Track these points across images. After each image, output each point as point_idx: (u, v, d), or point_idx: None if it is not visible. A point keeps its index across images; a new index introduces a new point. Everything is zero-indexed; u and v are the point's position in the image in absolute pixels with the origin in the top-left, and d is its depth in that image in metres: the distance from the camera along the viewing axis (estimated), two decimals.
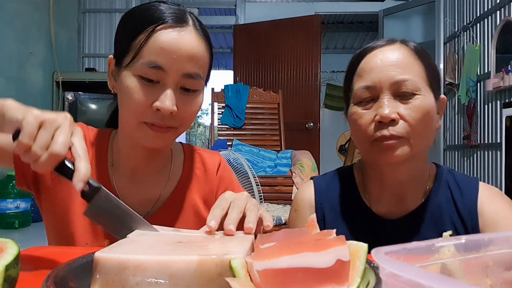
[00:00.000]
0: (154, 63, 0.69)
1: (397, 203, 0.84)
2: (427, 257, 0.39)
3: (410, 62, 0.77)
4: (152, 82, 0.71)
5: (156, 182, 0.83)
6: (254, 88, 3.82)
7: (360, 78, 0.80)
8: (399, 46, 0.80)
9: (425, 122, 0.76)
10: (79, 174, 0.53)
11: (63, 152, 0.52)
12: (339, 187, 0.90)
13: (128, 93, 0.71)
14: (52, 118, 0.54)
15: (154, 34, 0.70)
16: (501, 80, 2.86)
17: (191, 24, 0.74)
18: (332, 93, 6.35)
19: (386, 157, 0.76)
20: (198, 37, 0.73)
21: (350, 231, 0.85)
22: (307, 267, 0.40)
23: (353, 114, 0.80)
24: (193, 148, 0.92)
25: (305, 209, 0.91)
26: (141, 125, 0.72)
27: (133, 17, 0.75)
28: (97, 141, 0.83)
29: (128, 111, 0.73)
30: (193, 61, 0.72)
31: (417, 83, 0.76)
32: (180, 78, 0.71)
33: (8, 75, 3.35)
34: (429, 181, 0.85)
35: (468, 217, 0.81)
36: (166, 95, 0.70)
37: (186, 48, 0.71)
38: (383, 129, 0.75)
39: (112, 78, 0.78)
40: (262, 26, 4.61)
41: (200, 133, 16.18)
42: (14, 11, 3.42)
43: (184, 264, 0.42)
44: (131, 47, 0.72)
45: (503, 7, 2.96)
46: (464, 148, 3.49)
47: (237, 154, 2.71)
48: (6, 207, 3.00)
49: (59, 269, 0.46)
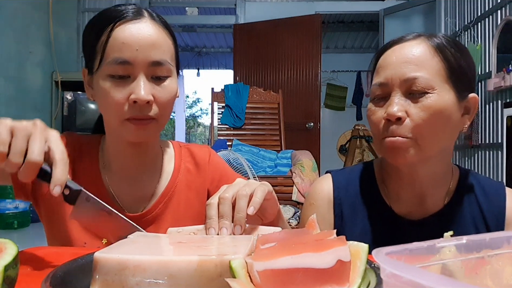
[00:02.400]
0: (119, 59, 0.72)
1: (418, 203, 0.82)
2: (428, 258, 0.39)
3: (426, 59, 0.74)
4: (123, 78, 0.73)
5: (148, 179, 0.84)
6: (254, 88, 3.82)
7: (377, 74, 0.79)
8: (420, 41, 0.77)
9: (436, 123, 0.73)
10: (55, 179, 0.54)
11: (39, 159, 0.54)
12: (359, 183, 0.88)
13: (104, 95, 0.74)
14: (22, 126, 0.55)
15: (113, 32, 0.73)
16: (502, 80, 2.86)
17: (147, 15, 0.76)
18: (333, 93, 6.35)
19: (392, 156, 0.75)
20: (156, 26, 0.76)
21: (369, 229, 0.83)
22: (307, 268, 0.40)
23: (368, 111, 0.80)
24: (182, 144, 0.94)
25: (322, 203, 0.88)
26: (124, 123, 0.74)
27: (92, 23, 0.78)
28: (88, 146, 0.86)
29: (109, 112, 0.76)
30: (155, 48, 0.74)
31: (430, 81, 0.73)
32: (148, 68, 0.73)
33: (7, 75, 3.35)
34: (451, 182, 0.83)
35: (494, 221, 0.80)
36: (140, 86, 0.72)
37: (146, 37, 0.73)
38: (389, 128, 0.74)
39: (89, 88, 0.80)
40: (262, 25, 4.61)
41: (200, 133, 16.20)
42: (14, 10, 3.42)
43: (184, 264, 0.42)
44: (96, 51, 0.74)
45: (504, 7, 2.96)
46: (465, 147, 3.49)
47: (237, 154, 2.71)
48: (5, 207, 3.00)
49: (58, 269, 0.46)
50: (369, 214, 0.85)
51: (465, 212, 0.81)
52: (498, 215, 0.80)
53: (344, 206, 0.86)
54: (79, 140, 0.85)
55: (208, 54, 7.72)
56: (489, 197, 0.82)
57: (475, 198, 0.82)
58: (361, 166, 0.92)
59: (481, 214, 0.81)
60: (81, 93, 3.86)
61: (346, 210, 0.86)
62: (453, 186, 0.83)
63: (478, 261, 0.40)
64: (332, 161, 5.00)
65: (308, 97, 4.54)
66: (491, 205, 0.81)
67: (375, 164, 0.90)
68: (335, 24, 6.21)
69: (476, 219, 0.81)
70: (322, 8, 4.96)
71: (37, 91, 3.74)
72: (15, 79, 3.45)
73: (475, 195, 0.83)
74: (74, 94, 3.83)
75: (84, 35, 0.79)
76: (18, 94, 3.44)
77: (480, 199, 0.82)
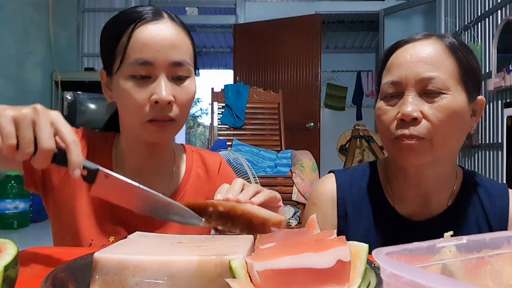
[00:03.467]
0: (141, 60, 0.72)
1: (422, 204, 0.81)
2: (428, 258, 0.39)
3: (441, 59, 0.73)
4: (144, 79, 0.73)
5: (159, 182, 0.84)
6: (254, 88, 3.82)
7: (388, 72, 0.78)
8: (433, 41, 0.76)
9: (451, 124, 0.72)
10: (72, 162, 0.54)
11: (51, 145, 0.54)
12: (363, 183, 0.87)
13: (125, 95, 0.74)
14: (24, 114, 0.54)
15: (134, 33, 0.73)
16: (502, 80, 2.86)
17: (166, 16, 0.77)
18: (333, 93, 6.35)
19: (405, 158, 0.74)
20: (176, 27, 0.77)
21: (372, 230, 0.83)
22: (307, 268, 0.40)
23: (378, 110, 0.78)
24: (194, 149, 0.94)
25: (326, 203, 0.87)
26: (145, 124, 0.74)
27: (111, 25, 0.78)
28: (102, 143, 0.85)
29: (129, 112, 0.76)
30: (176, 48, 0.75)
31: (446, 82, 0.72)
32: (169, 68, 0.74)
33: (7, 75, 3.34)
34: (455, 184, 0.83)
35: (497, 223, 0.80)
36: (161, 86, 0.72)
37: (167, 38, 0.74)
38: (404, 128, 0.72)
39: (107, 89, 0.81)
40: (262, 25, 4.61)
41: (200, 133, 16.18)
42: (13, 10, 3.42)
43: (184, 264, 0.42)
44: (117, 53, 0.75)
45: (504, 7, 2.96)
46: (465, 147, 3.49)
47: (237, 154, 2.71)
48: (5, 207, 3.00)
49: (58, 269, 0.46)
50: (372, 215, 0.84)
51: (468, 213, 0.81)
52: (501, 216, 0.80)
53: (347, 206, 0.86)
54: (93, 136, 0.86)
55: (208, 54, 7.72)
56: (493, 199, 0.82)
57: (478, 200, 0.82)
58: (364, 166, 0.91)
59: (484, 215, 0.81)
60: (81, 93, 3.86)
61: (350, 210, 0.86)
62: (457, 187, 0.83)
63: (478, 261, 0.40)
64: (332, 161, 4.98)
65: (308, 97, 4.54)
66: (494, 206, 0.81)
67: (378, 164, 0.90)
68: (335, 24, 6.21)
69: (480, 220, 0.81)
70: (322, 8, 4.96)
71: (37, 91, 3.74)
72: (15, 79, 3.45)
73: (478, 196, 0.83)
74: (74, 94, 3.82)
75: (102, 37, 0.80)
76: (18, 94, 3.44)
77: (484, 200, 0.82)
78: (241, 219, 0.59)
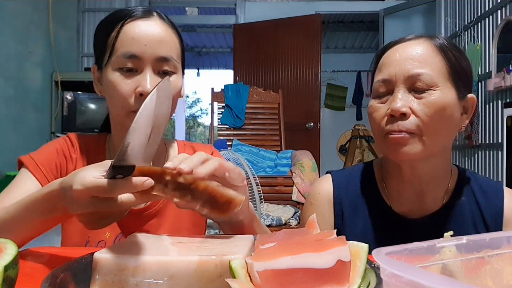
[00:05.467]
0: (128, 53, 0.76)
1: (417, 202, 0.82)
2: (428, 258, 0.39)
3: (430, 57, 0.76)
4: (131, 72, 0.77)
5: None
6: (254, 88, 3.82)
7: (379, 71, 0.80)
8: (422, 41, 0.78)
9: (440, 119, 0.74)
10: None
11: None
12: (359, 183, 0.89)
13: (112, 87, 0.77)
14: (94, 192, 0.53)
15: (123, 28, 0.77)
16: (502, 80, 2.86)
17: (155, 15, 0.81)
18: (333, 93, 6.35)
19: (395, 151, 0.75)
20: (164, 25, 0.80)
21: (369, 229, 0.84)
22: (307, 268, 0.40)
23: (370, 108, 0.80)
24: (186, 142, 0.96)
25: (322, 203, 0.89)
26: (129, 114, 0.77)
27: (104, 22, 0.82)
28: (95, 144, 0.88)
29: (116, 103, 0.78)
30: (163, 44, 0.78)
31: (434, 78, 0.74)
32: (156, 63, 0.77)
33: (7, 75, 3.34)
34: (450, 181, 0.84)
35: (492, 221, 0.81)
36: (146, 79, 0.75)
37: (155, 34, 0.77)
38: (394, 123, 0.74)
39: (98, 84, 0.84)
40: (262, 25, 4.61)
41: (200, 133, 16.18)
42: (13, 10, 3.42)
43: (184, 264, 0.42)
44: (107, 46, 0.78)
45: (504, 7, 2.96)
46: (465, 148, 3.49)
47: (237, 154, 2.71)
48: None
49: (58, 269, 0.46)
50: (369, 214, 0.85)
51: (464, 211, 0.82)
52: (496, 214, 0.81)
53: (344, 205, 0.87)
54: (84, 139, 0.88)
55: (208, 54, 7.72)
56: (488, 197, 0.83)
57: (473, 198, 0.83)
58: (361, 165, 0.93)
59: (479, 213, 0.82)
60: (81, 93, 3.85)
61: (346, 209, 0.87)
62: (452, 186, 0.84)
63: (478, 261, 0.40)
64: (332, 161, 4.99)
65: (308, 97, 4.54)
66: (489, 204, 0.82)
67: (374, 163, 0.91)
68: (335, 24, 6.21)
69: (475, 218, 0.82)
70: (322, 8, 4.96)
71: (37, 91, 3.74)
72: (15, 79, 3.44)
73: (473, 194, 0.83)
74: (74, 94, 3.82)
75: (95, 33, 0.83)
76: (18, 94, 3.44)
77: (479, 198, 0.83)
78: (204, 194, 0.55)
